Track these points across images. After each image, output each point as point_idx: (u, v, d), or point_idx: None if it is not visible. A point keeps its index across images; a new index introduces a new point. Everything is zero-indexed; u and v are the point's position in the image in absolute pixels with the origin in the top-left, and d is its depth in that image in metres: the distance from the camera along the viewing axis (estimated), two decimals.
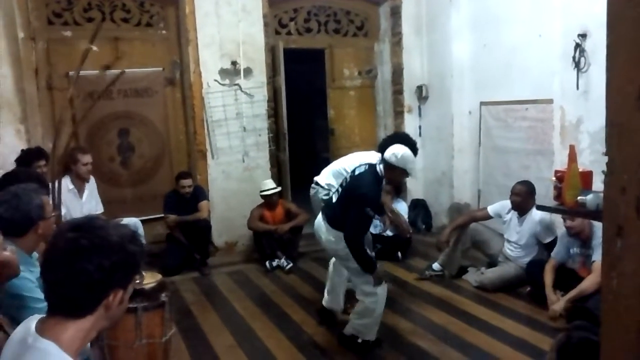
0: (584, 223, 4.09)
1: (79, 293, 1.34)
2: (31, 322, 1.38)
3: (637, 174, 0.85)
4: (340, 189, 3.80)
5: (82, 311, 1.36)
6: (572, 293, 4.04)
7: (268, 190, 5.81)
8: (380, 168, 3.65)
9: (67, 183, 4.81)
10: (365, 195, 3.55)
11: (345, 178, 3.85)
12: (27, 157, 4.59)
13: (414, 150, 3.76)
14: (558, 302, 4.10)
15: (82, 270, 1.31)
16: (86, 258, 1.32)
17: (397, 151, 3.57)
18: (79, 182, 4.99)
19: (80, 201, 4.97)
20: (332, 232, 3.69)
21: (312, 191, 4.66)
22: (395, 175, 3.70)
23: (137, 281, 1.49)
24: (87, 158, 4.96)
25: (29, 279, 2.18)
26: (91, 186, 5.14)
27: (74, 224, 1.42)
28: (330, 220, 3.71)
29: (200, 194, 5.75)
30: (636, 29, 0.83)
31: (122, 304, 1.42)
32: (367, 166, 3.70)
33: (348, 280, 4.13)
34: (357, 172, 3.71)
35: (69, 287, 1.33)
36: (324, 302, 4.27)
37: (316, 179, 4.66)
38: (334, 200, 3.78)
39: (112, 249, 1.35)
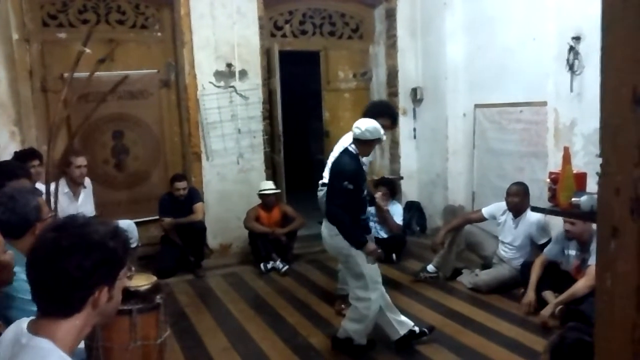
0: (583, 228, 4.08)
1: (63, 293, 1.34)
2: (22, 323, 1.39)
3: (631, 175, 0.85)
4: (325, 180, 3.91)
5: (68, 310, 1.36)
6: (563, 296, 4.04)
7: (266, 190, 5.81)
8: (352, 147, 3.73)
9: (62, 186, 4.79)
10: (342, 169, 3.65)
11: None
12: (21, 157, 4.56)
13: (395, 115, 4.42)
14: (547, 307, 4.10)
15: (63, 270, 1.32)
16: (65, 258, 1.32)
17: (367, 126, 3.68)
18: (74, 185, 4.95)
19: (75, 204, 4.92)
20: (329, 226, 3.68)
21: (320, 193, 4.55)
22: (373, 146, 3.89)
23: (128, 275, 1.49)
24: (80, 160, 4.89)
25: (25, 281, 2.18)
26: (87, 189, 5.12)
27: (55, 224, 1.42)
28: (327, 214, 3.71)
29: (195, 196, 5.74)
30: (631, 31, 0.84)
31: (111, 300, 1.43)
32: (341, 152, 3.84)
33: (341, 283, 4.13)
34: (334, 160, 3.87)
35: (52, 287, 1.34)
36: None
37: (322, 181, 4.54)
38: (323, 195, 3.88)
39: (91, 248, 1.36)
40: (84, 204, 5.01)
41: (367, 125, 3.68)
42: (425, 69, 6.91)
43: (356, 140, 3.71)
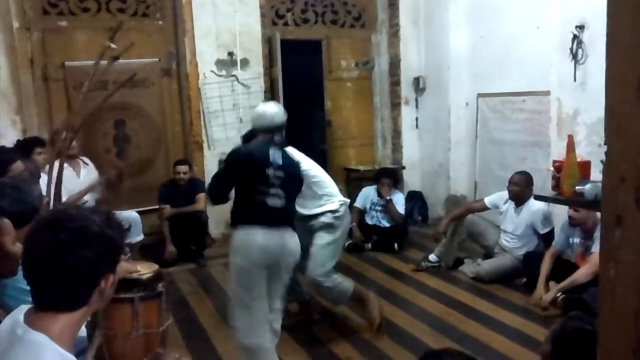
0: (587, 215, 4.08)
1: (70, 289, 1.32)
2: (19, 314, 1.36)
3: (637, 163, 0.84)
4: (278, 190, 3.10)
5: (74, 305, 1.34)
6: (564, 283, 4.06)
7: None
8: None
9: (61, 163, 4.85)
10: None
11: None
12: (25, 145, 4.56)
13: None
14: (548, 292, 4.13)
15: (69, 267, 1.29)
16: (70, 253, 1.29)
17: None
18: (72, 162, 4.92)
19: (78, 180, 4.95)
20: (294, 234, 3.20)
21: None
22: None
23: (125, 257, 1.47)
24: (65, 134, 4.85)
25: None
26: (90, 168, 5.15)
27: (49, 219, 1.37)
28: (291, 223, 3.20)
29: (198, 186, 5.73)
30: (637, 16, 0.83)
31: (113, 285, 1.42)
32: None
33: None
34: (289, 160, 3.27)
35: (57, 285, 1.31)
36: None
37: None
38: (284, 202, 3.10)
39: (93, 239, 1.33)
40: (86, 182, 4.99)
41: None
42: (428, 58, 6.88)
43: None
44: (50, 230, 1.31)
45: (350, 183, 6.95)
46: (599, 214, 4.04)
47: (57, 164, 4.36)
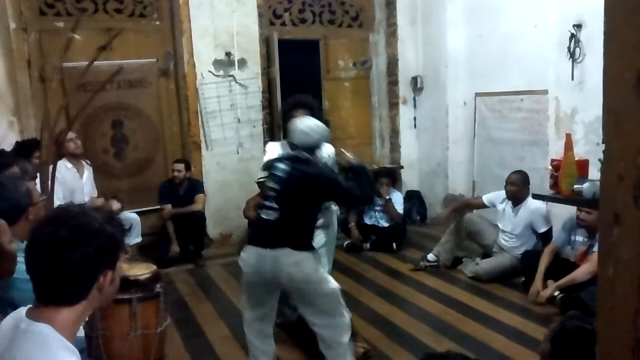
0: (596, 217, 4.07)
1: (69, 284, 1.36)
2: (21, 311, 1.40)
3: (635, 161, 0.84)
4: (272, 203, 2.92)
5: (74, 299, 1.38)
6: (563, 280, 4.06)
7: (264, 178, 5.79)
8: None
9: (64, 164, 4.85)
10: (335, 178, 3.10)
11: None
12: (25, 149, 4.55)
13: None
14: (546, 289, 4.13)
15: (68, 262, 1.33)
16: (69, 249, 1.33)
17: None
18: (76, 162, 4.99)
19: (81, 181, 4.99)
20: (298, 255, 2.86)
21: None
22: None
23: (126, 256, 1.51)
24: (70, 134, 4.81)
25: (23, 263, 2.19)
26: (90, 171, 5.17)
27: (51, 216, 1.44)
28: (293, 242, 2.86)
29: (197, 186, 5.73)
30: (635, 14, 0.82)
31: (113, 282, 1.45)
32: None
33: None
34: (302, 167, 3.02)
35: (57, 280, 1.35)
36: None
37: None
38: (279, 216, 2.87)
39: (92, 235, 1.37)
40: (87, 183, 5.07)
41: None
42: (426, 57, 6.88)
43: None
44: (52, 227, 1.36)
45: None
46: None
47: (59, 164, 4.38)
